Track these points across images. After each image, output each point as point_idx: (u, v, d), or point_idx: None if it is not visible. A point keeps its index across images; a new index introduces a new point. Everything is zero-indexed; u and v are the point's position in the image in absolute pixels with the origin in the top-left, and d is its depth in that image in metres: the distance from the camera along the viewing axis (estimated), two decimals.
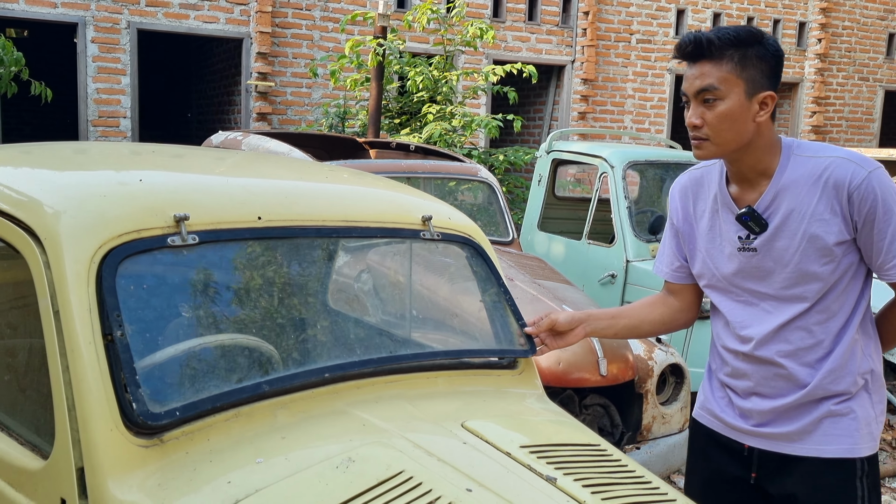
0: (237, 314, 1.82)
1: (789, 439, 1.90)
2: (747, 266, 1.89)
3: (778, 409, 1.90)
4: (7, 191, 1.83)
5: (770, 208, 1.84)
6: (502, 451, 1.69)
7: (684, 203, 2.02)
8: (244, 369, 1.72)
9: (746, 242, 1.88)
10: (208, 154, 2.69)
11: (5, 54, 5.17)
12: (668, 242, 2.11)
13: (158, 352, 1.61)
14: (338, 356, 1.93)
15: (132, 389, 1.48)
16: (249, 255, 1.86)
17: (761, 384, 1.91)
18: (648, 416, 3.60)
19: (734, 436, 1.98)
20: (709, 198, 1.96)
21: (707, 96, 1.79)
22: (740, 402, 1.96)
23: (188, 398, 1.57)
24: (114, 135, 9.02)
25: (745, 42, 1.78)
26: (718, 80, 1.78)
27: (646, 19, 11.64)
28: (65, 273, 1.54)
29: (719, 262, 1.94)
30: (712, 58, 1.79)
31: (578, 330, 2.07)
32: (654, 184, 5.69)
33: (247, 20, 9.44)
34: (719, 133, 1.80)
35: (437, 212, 2.19)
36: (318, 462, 1.55)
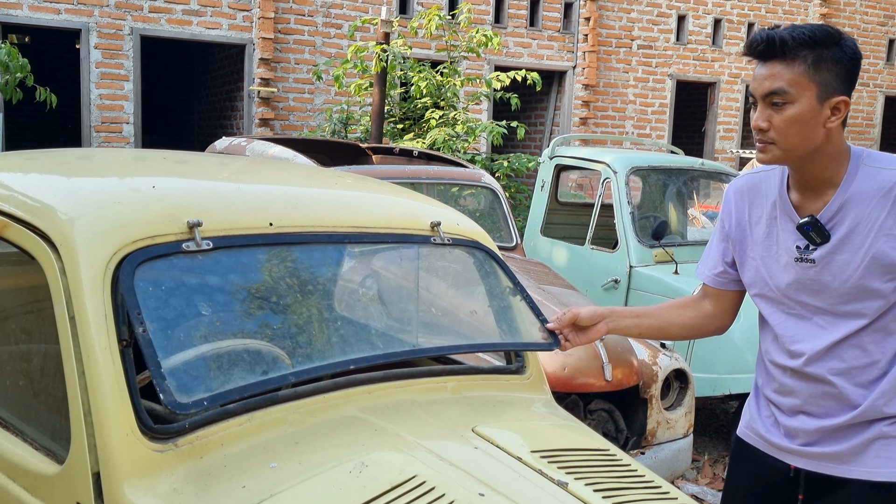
0: (249, 319, 1.83)
1: (838, 460, 1.81)
2: (803, 278, 1.79)
3: (826, 429, 1.81)
4: (21, 197, 1.84)
5: (834, 219, 1.75)
6: (513, 455, 1.70)
7: (739, 207, 1.92)
8: (259, 373, 1.73)
9: (804, 253, 1.78)
10: (217, 160, 2.71)
11: (11, 60, 5.19)
12: (715, 246, 2.01)
13: (171, 358, 1.62)
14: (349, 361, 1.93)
15: (158, 382, 1.47)
16: (261, 261, 1.87)
17: (810, 402, 1.82)
18: (653, 422, 3.61)
19: (780, 456, 1.90)
20: (766, 203, 1.86)
21: (776, 99, 1.69)
22: (786, 421, 1.87)
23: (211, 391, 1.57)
24: (117, 140, 9.04)
25: (821, 43, 1.67)
26: (789, 83, 1.68)
27: (647, 25, 11.68)
28: (80, 279, 1.55)
29: (774, 271, 1.84)
30: (784, 58, 1.68)
31: (601, 325, 2.00)
32: (656, 189, 5.71)
33: (249, 26, 9.48)
34: (786, 138, 1.70)
35: (446, 217, 2.21)
36: (331, 467, 1.56)
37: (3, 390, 1.89)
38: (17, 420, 1.75)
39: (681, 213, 5.79)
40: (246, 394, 1.60)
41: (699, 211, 6.46)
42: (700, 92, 12.88)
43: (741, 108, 12.62)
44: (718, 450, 4.87)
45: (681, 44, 11.95)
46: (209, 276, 1.75)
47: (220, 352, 1.65)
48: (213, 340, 1.67)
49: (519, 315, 2.17)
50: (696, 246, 5.31)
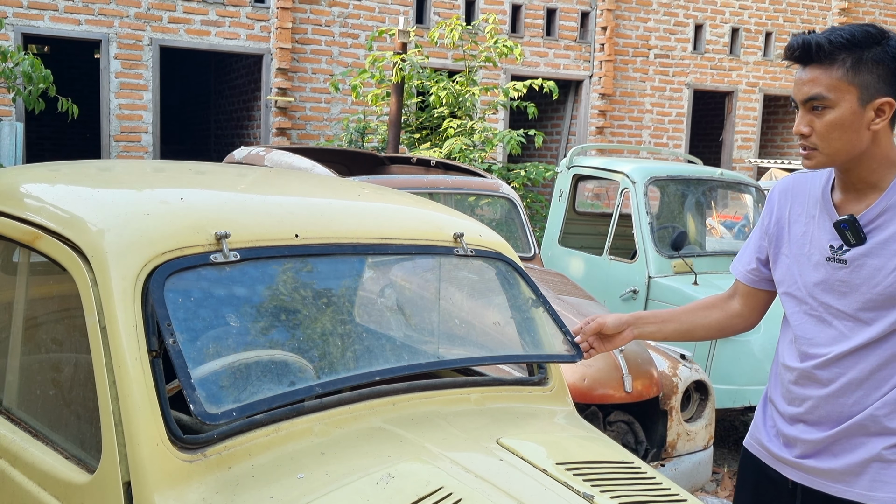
0: (276, 330, 1.84)
1: (833, 478, 1.78)
2: (832, 278, 1.76)
3: (824, 441, 1.79)
4: (51, 209, 1.87)
5: (874, 223, 1.71)
6: (538, 468, 1.70)
7: (781, 205, 1.91)
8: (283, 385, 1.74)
9: (837, 253, 1.75)
10: (240, 171, 2.73)
11: (34, 72, 5.25)
12: (752, 243, 1.99)
13: (205, 363, 1.64)
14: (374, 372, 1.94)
15: (188, 392, 1.48)
16: (287, 272, 1.88)
17: (812, 410, 1.80)
18: (673, 433, 3.59)
19: (779, 468, 1.89)
20: (808, 202, 1.85)
21: (816, 104, 1.67)
22: (786, 429, 1.86)
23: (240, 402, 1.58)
24: (135, 149, 9.12)
25: (860, 44, 1.64)
26: (828, 88, 1.65)
27: (664, 34, 11.67)
28: (111, 290, 1.57)
29: (805, 269, 1.81)
30: (822, 62, 1.66)
31: (626, 333, 2.00)
32: (675, 199, 5.69)
33: (267, 36, 9.55)
34: (829, 143, 1.68)
35: (468, 228, 2.22)
36: (358, 478, 1.57)
37: (34, 400, 1.91)
38: (47, 429, 1.77)
39: (699, 223, 5.77)
40: (274, 405, 1.61)
41: (718, 221, 6.44)
42: (717, 101, 12.84)
43: (759, 118, 12.57)
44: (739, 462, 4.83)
45: (698, 53, 11.93)
46: (236, 287, 1.77)
47: (248, 363, 1.66)
48: (241, 351, 1.68)
49: (542, 326, 2.17)
50: (715, 256, 5.29)
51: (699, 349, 4.60)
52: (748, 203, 5.90)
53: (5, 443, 1.78)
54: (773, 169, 8.78)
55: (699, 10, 11.87)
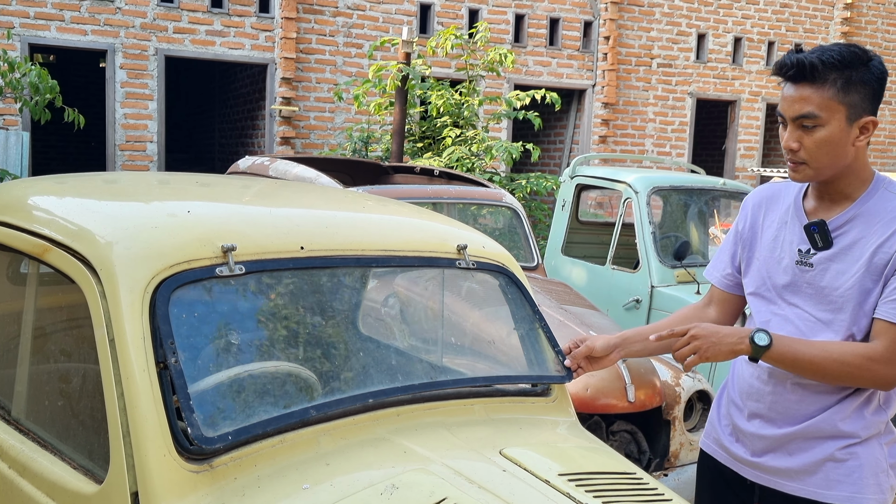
0: (281, 342, 1.86)
1: (788, 476, 1.85)
2: (800, 281, 1.84)
3: (781, 439, 1.85)
4: (60, 221, 1.90)
5: (842, 229, 1.80)
6: (541, 478, 1.72)
7: (755, 212, 1.99)
8: (290, 396, 1.76)
9: (805, 256, 1.83)
10: (244, 183, 2.75)
11: (41, 82, 5.30)
12: (726, 249, 2.07)
13: (209, 378, 1.66)
14: (377, 384, 1.96)
15: (187, 415, 1.52)
16: (293, 284, 1.90)
17: (771, 407, 1.87)
18: (676, 443, 3.60)
19: (736, 467, 1.95)
20: (781, 209, 1.93)
21: (806, 122, 1.73)
22: (743, 425, 1.92)
23: (238, 424, 1.61)
24: (140, 159, 9.17)
25: (850, 65, 1.71)
26: (819, 107, 1.72)
27: (666, 44, 11.71)
28: (120, 303, 1.59)
29: (773, 271, 1.89)
30: (814, 82, 1.71)
31: (614, 354, 2.06)
32: (678, 209, 5.71)
33: (271, 46, 9.60)
34: (817, 158, 1.75)
35: (472, 240, 2.24)
36: (362, 488, 1.58)
37: (43, 410, 1.93)
38: (56, 440, 1.79)
39: (702, 232, 5.78)
40: (270, 428, 1.63)
41: (721, 230, 6.45)
42: (720, 110, 12.86)
43: (762, 127, 12.59)
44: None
45: (701, 62, 11.96)
46: (242, 300, 1.79)
47: (251, 378, 1.69)
48: (243, 368, 1.70)
49: (536, 343, 2.20)
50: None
51: None
52: None
53: (14, 453, 1.79)
54: (775, 178, 8.80)
55: (702, 19, 11.91)
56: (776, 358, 1.79)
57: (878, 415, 1.83)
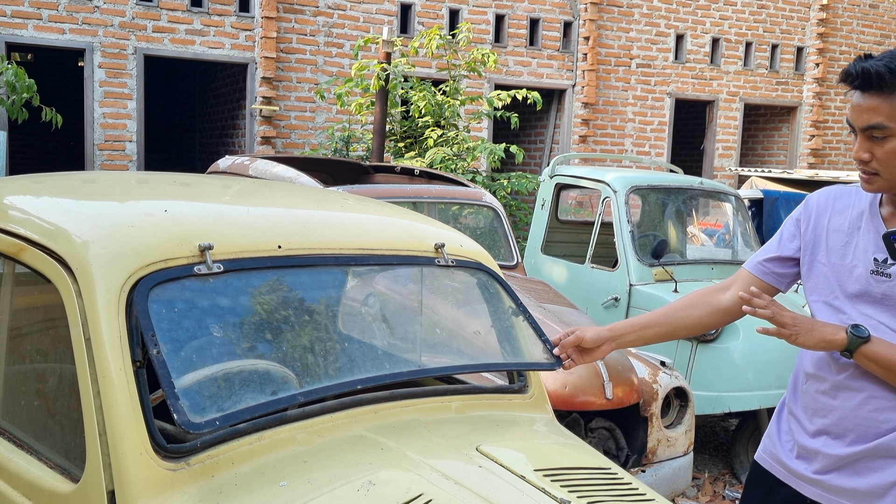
0: (259, 340, 1.87)
1: (854, 497, 1.76)
2: (875, 291, 1.76)
3: (848, 458, 1.77)
4: (36, 221, 1.89)
5: None
6: (517, 474, 1.74)
7: (819, 212, 1.91)
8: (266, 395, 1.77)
9: (882, 266, 1.75)
10: (224, 182, 2.75)
11: (17, 81, 5.25)
12: (777, 240, 1.98)
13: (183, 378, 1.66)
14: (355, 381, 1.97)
15: (172, 402, 1.51)
16: (270, 283, 1.91)
17: (839, 423, 1.78)
18: (653, 440, 3.64)
19: (795, 484, 1.87)
20: (851, 214, 1.85)
21: (876, 133, 1.68)
22: (807, 442, 1.83)
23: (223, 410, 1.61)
24: (119, 158, 9.11)
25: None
26: (889, 118, 1.66)
27: (645, 44, 11.79)
28: (96, 302, 1.59)
29: (844, 279, 1.81)
30: (882, 91, 1.66)
31: (604, 347, 2.02)
32: (656, 208, 5.76)
33: (252, 45, 9.57)
34: (890, 169, 1.70)
35: (450, 239, 2.25)
36: (339, 485, 1.60)
37: (19, 410, 1.92)
38: (32, 439, 1.78)
39: (680, 231, 5.84)
40: (256, 413, 1.64)
41: (698, 229, 6.51)
42: (699, 110, 12.96)
43: (739, 126, 12.70)
44: (719, 467, 4.89)
45: (679, 62, 12.05)
46: (220, 298, 1.80)
47: (232, 373, 1.69)
48: (224, 361, 1.71)
49: (522, 335, 2.21)
50: (695, 265, 5.36)
51: (679, 356, 4.65)
52: (728, 211, 5.97)
53: None
54: (753, 177, 8.89)
55: (680, 20, 12.00)
56: (871, 356, 1.70)
57: None
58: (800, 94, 12.93)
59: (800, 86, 12.92)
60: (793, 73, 12.81)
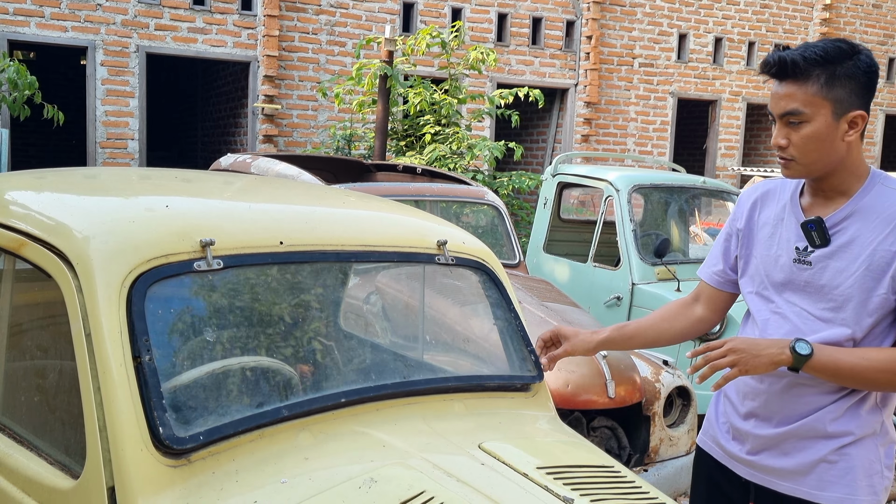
0: (260, 337, 1.86)
1: (782, 476, 1.86)
2: (798, 279, 1.83)
3: (775, 438, 1.85)
4: (37, 216, 1.88)
5: (839, 226, 1.79)
6: (519, 472, 1.73)
7: (752, 209, 1.98)
8: (267, 392, 1.76)
9: (803, 254, 1.82)
10: (225, 179, 2.74)
11: (19, 78, 5.24)
12: (719, 245, 2.06)
13: (184, 374, 1.66)
14: (357, 379, 1.97)
15: (159, 414, 1.52)
16: (271, 279, 1.90)
17: (766, 406, 1.86)
18: (656, 439, 3.62)
19: (731, 465, 1.96)
20: (777, 206, 1.92)
21: (792, 119, 1.74)
22: (739, 424, 1.92)
23: (213, 422, 1.61)
24: (121, 156, 9.10)
25: (833, 60, 1.71)
26: (803, 103, 1.72)
27: (648, 44, 11.77)
28: (96, 297, 1.58)
29: (771, 270, 1.88)
30: (797, 78, 1.72)
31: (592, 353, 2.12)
32: (658, 207, 5.75)
33: (254, 44, 9.56)
34: (805, 154, 1.75)
35: (452, 236, 2.24)
36: (340, 482, 1.59)
37: (18, 406, 1.91)
38: (32, 435, 1.77)
39: (682, 230, 5.83)
40: (242, 427, 1.63)
41: (701, 228, 6.50)
42: (701, 109, 12.95)
43: (742, 126, 12.68)
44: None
45: (682, 62, 12.03)
46: (219, 295, 1.79)
47: (228, 376, 1.68)
48: (219, 365, 1.70)
49: (511, 340, 2.21)
50: (697, 264, 5.32)
51: (682, 355, 4.64)
52: (730, 210, 5.96)
53: None
54: (755, 177, 8.87)
55: (683, 19, 11.98)
56: (818, 367, 1.75)
57: (874, 414, 1.82)
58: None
59: None
60: None
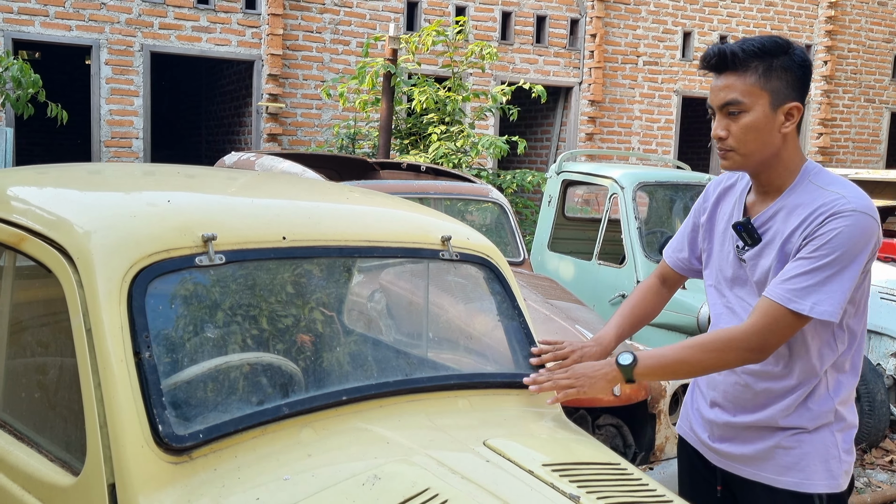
0: (262, 333, 1.84)
1: (744, 462, 1.92)
2: (741, 276, 1.91)
3: (734, 427, 1.93)
4: (37, 211, 1.87)
5: (766, 225, 1.85)
6: (525, 469, 1.70)
7: (715, 203, 2.03)
8: (269, 388, 1.74)
9: (740, 253, 1.90)
10: (228, 174, 2.73)
11: (23, 76, 5.24)
12: (683, 231, 2.13)
13: (186, 371, 1.64)
14: (359, 375, 1.95)
15: (159, 411, 1.50)
16: (274, 275, 1.88)
17: (725, 396, 1.94)
18: (661, 437, 3.60)
19: (703, 451, 2.03)
20: (731, 203, 1.98)
21: (731, 109, 1.79)
22: (706, 413, 2.00)
23: (214, 419, 1.59)
24: (126, 155, 9.10)
25: (770, 53, 1.77)
26: (742, 93, 1.77)
27: (652, 42, 11.73)
28: (97, 292, 1.57)
29: (723, 264, 1.96)
30: (736, 70, 1.78)
31: None
32: (663, 205, 5.72)
33: (258, 42, 9.55)
34: (744, 144, 1.80)
35: (456, 232, 2.22)
36: (344, 479, 1.57)
37: (19, 402, 1.90)
38: (32, 432, 1.76)
39: None
40: (242, 426, 1.61)
41: None
42: (705, 108, 12.90)
43: None
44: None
45: (686, 60, 11.99)
46: (221, 290, 1.77)
47: (226, 374, 1.67)
48: (220, 361, 1.69)
49: (513, 339, 2.19)
50: None
51: None
52: None
53: None
54: None
55: (687, 17, 11.94)
56: (646, 372, 1.88)
57: (825, 404, 1.86)
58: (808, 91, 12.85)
59: None
60: None
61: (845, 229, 1.72)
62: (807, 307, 1.73)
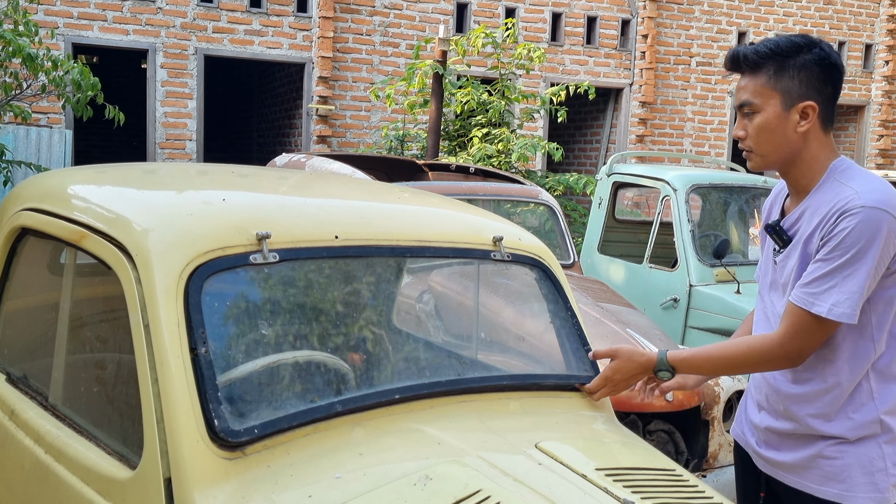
0: (314, 331, 1.85)
1: (787, 469, 1.90)
2: (775, 278, 1.90)
3: (777, 432, 1.90)
4: (97, 209, 1.91)
5: (795, 226, 1.84)
6: (578, 473, 1.68)
7: (768, 207, 2.03)
8: (322, 386, 1.75)
9: (776, 256, 1.89)
10: (281, 174, 2.75)
11: (83, 79, 5.38)
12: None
13: (240, 367, 1.65)
14: (410, 375, 1.94)
15: (214, 406, 1.51)
16: (326, 274, 1.89)
17: (768, 400, 1.92)
18: (714, 444, 3.53)
19: (752, 455, 2.02)
20: (777, 205, 1.98)
21: (746, 110, 1.82)
22: (753, 416, 1.99)
23: (268, 415, 1.60)
24: (180, 156, 9.28)
25: (784, 53, 1.77)
26: (753, 94, 1.80)
27: (706, 42, 11.55)
28: (155, 289, 1.59)
29: (766, 269, 1.96)
30: (750, 71, 1.81)
31: None
32: (717, 207, 5.61)
33: (309, 45, 9.66)
34: (759, 144, 1.82)
35: (508, 232, 2.20)
36: (395, 479, 1.56)
37: (78, 396, 1.94)
38: (91, 426, 1.79)
39: (742, 231, 5.68)
40: (297, 421, 1.62)
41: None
42: None
43: None
44: None
45: None
46: (275, 289, 1.78)
47: (279, 371, 1.68)
48: (274, 358, 1.70)
49: (566, 341, 2.16)
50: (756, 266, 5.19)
51: None
52: None
53: (50, 438, 1.81)
54: None
55: (742, 17, 11.72)
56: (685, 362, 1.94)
57: (868, 413, 1.80)
58: (868, 92, 12.51)
59: (868, 84, 12.49)
60: (861, 71, 12.40)
61: (854, 227, 1.69)
62: (825, 309, 1.72)
